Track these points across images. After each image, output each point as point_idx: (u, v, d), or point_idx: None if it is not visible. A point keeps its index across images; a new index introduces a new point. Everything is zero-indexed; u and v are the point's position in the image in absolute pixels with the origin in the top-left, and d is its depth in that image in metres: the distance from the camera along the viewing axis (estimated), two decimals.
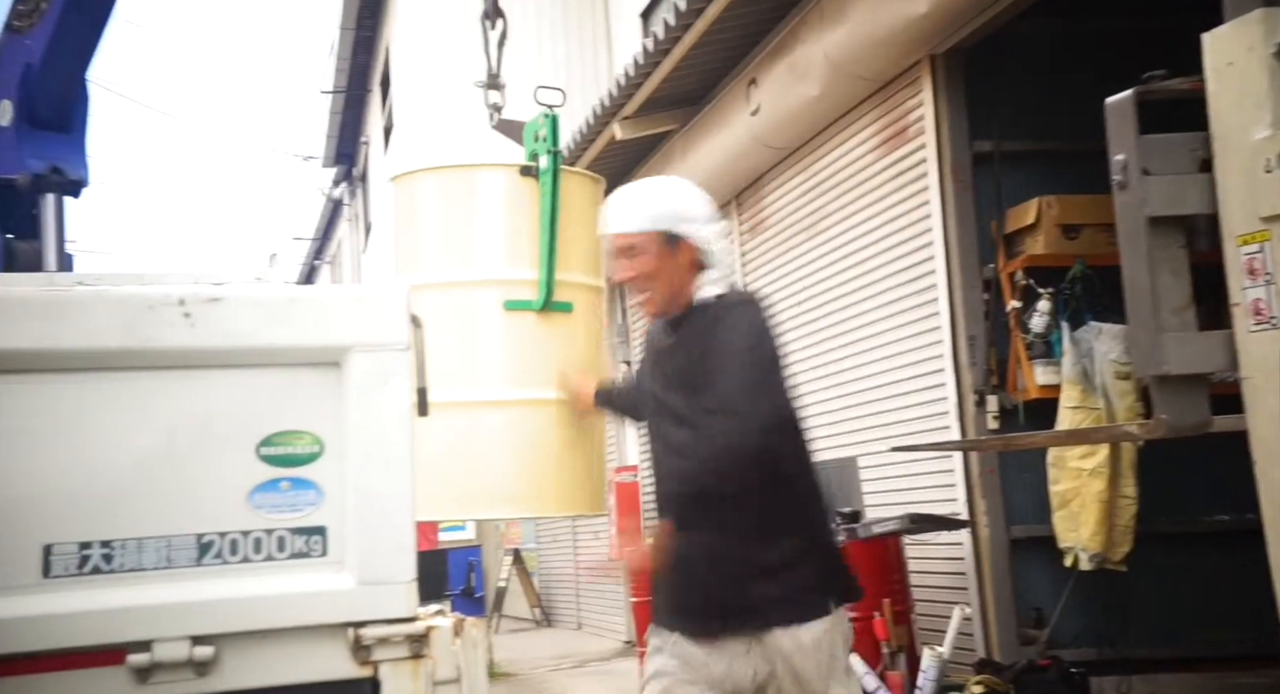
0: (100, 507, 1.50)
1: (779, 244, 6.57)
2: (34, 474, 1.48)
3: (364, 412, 1.62)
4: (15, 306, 1.51)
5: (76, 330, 1.52)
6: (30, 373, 1.50)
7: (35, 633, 1.43)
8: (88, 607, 1.45)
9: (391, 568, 1.59)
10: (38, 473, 1.48)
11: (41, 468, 1.49)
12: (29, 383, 1.50)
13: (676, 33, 5.81)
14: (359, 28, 11.59)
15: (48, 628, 1.44)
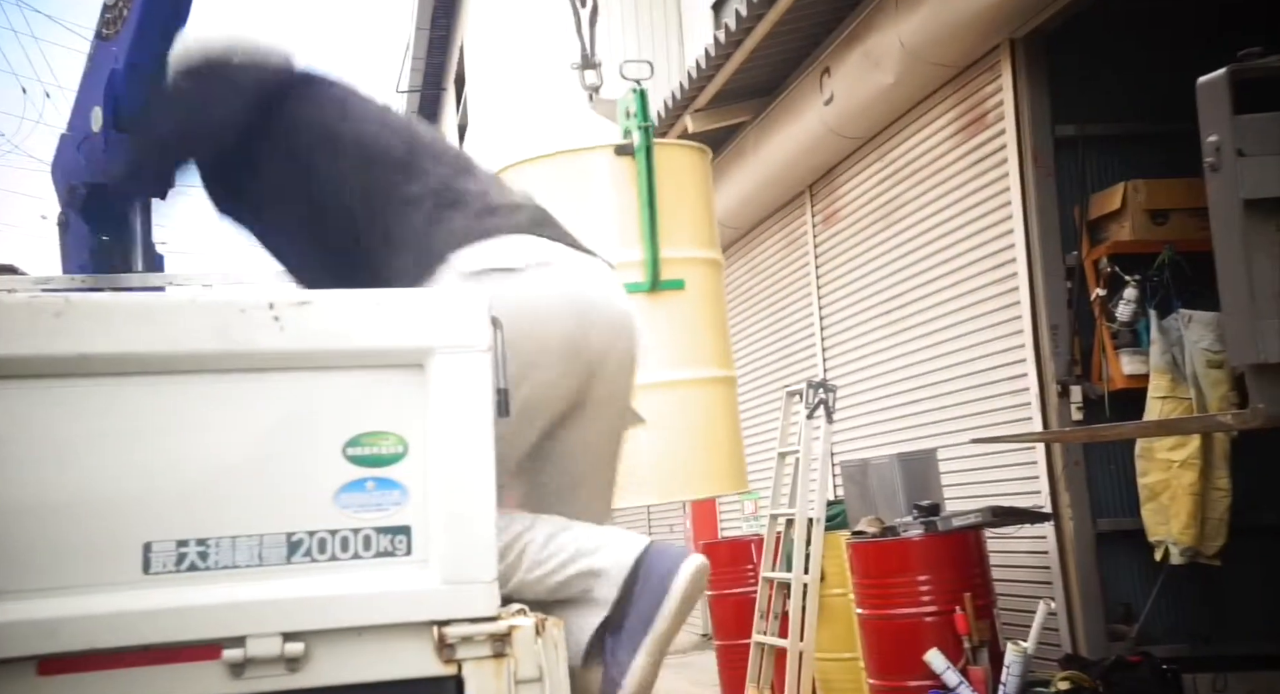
0: (195, 505, 1.54)
1: (854, 235, 6.49)
2: (134, 474, 1.53)
3: (446, 412, 1.64)
4: (112, 311, 1.56)
5: (171, 334, 1.56)
6: (129, 376, 1.54)
7: (137, 628, 1.48)
8: (185, 603, 1.50)
9: (474, 567, 1.61)
10: (137, 472, 1.53)
11: (141, 468, 1.53)
12: (128, 385, 1.54)
13: (748, 23, 5.77)
14: (434, 28, 11.75)
15: (148, 623, 1.48)
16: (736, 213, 7.66)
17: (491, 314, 1.70)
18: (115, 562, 1.49)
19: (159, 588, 1.50)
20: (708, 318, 3.07)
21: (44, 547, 1.48)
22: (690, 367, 2.85)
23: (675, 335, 2.73)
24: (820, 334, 6.96)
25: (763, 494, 7.54)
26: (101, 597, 1.48)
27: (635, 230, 2.84)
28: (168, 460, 1.55)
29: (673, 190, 2.86)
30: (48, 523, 1.49)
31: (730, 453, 3.03)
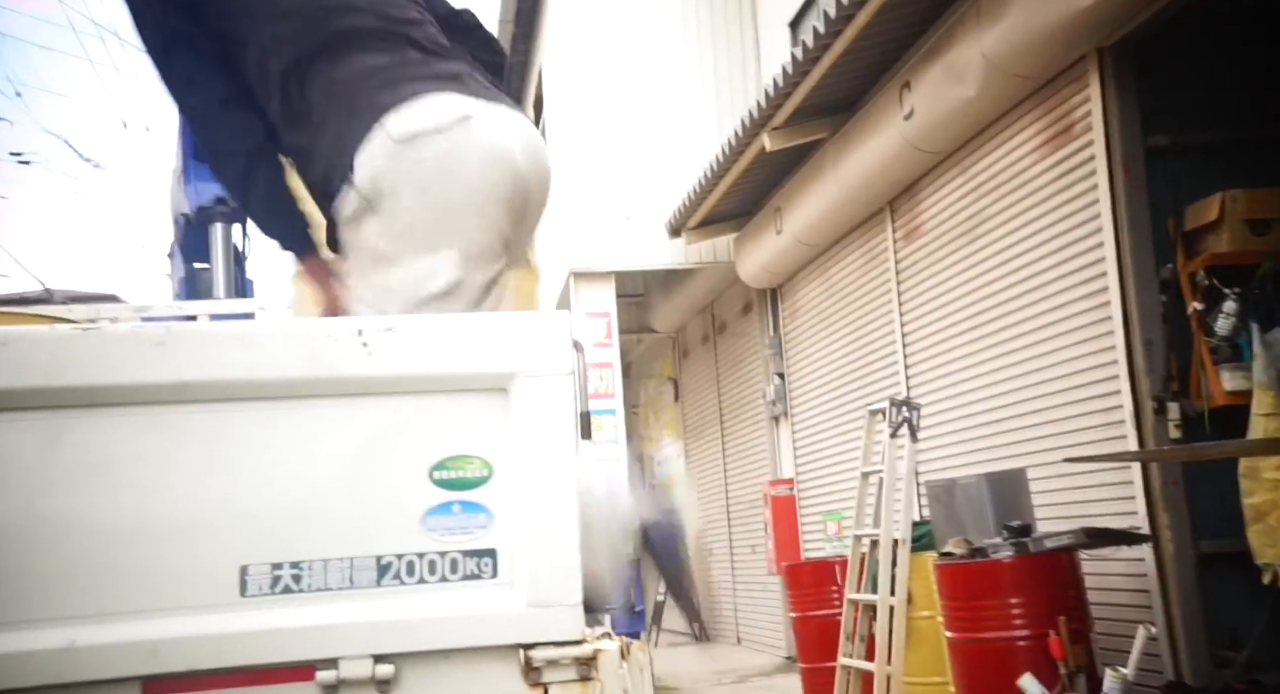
0: (288, 528, 1.58)
1: (936, 250, 6.39)
2: (230, 498, 1.57)
3: (530, 436, 1.65)
4: (209, 340, 1.60)
5: (264, 361, 1.60)
6: (225, 402, 1.59)
7: (234, 649, 1.51)
8: (280, 624, 1.53)
9: (559, 590, 1.61)
10: (233, 496, 1.57)
11: (236, 492, 1.57)
12: (225, 411, 1.59)
13: (826, 40, 5.75)
14: (513, 53, 11.92)
15: (245, 644, 1.52)
16: (814, 230, 7.60)
17: (574, 341, 1.71)
18: (213, 584, 1.53)
19: (255, 610, 1.53)
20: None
21: (146, 569, 1.53)
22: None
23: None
24: (903, 352, 6.85)
25: (846, 514, 7.43)
26: (200, 618, 1.52)
27: None
28: (262, 484, 1.59)
29: None
30: (150, 546, 1.54)
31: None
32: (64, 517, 1.52)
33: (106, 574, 1.52)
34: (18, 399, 1.52)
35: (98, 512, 1.54)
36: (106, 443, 1.55)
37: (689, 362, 11.84)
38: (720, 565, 10.97)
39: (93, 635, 1.49)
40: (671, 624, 11.63)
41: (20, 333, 1.56)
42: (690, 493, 11.76)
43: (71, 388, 1.53)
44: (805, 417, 8.66)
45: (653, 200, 9.22)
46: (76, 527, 1.52)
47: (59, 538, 1.52)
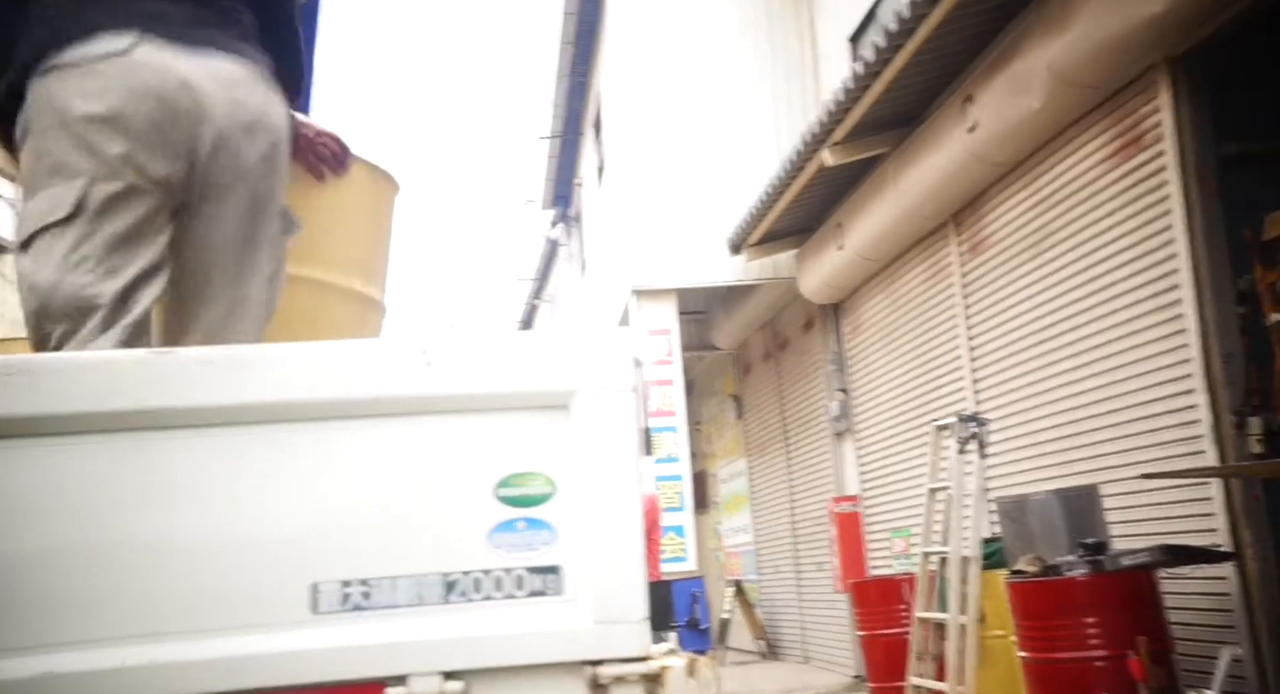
0: (357, 545, 1.60)
1: (1002, 264, 6.30)
2: (299, 516, 1.60)
3: (592, 453, 1.66)
4: (278, 361, 1.64)
5: (331, 380, 1.63)
6: (293, 422, 1.62)
7: (307, 666, 1.53)
8: (351, 642, 1.55)
9: (624, 606, 1.61)
10: (302, 515, 1.60)
11: (305, 510, 1.60)
12: (293, 431, 1.62)
13: (887, 54, 5.71)
14: (573, 75, 12.04)
15: (317, 661, 1.54)
16: (876, 245, 7.53)
17: (635, 357, 1.71)
18: (286, 602, 1.56)
19: (326, 627, 1.55)
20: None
21: (220, 587, 1.56)
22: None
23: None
24: (969, 366, 6.75)
25: (913, 531, 7.32)
26: (274, 636, 1.54)
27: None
28: (329, 502, 1.61)
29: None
30: (223, 565, 1.57)
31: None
32: (140, 537, 1.56)
33: (182, 593, 1.55)
34: (95, 422, 1.56)
35: (172, 532, 1.57)
36: (179, 464, 1.59)
37: (751, 378, 11.79)
38: (786, 583, 10.87)
39: (171, 653, 1.52)
40: (738, 642, 11.54)
41: (97, 358, 1.61)
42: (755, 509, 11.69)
43: (145, 410, 1.57)
44: (870, 432, 8.56)
45: (713, 217, 9.22)
46: (152, 546, 1.56)
47: (135, 558, 1.55)
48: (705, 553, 13.10)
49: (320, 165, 2.18)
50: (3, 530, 1.54)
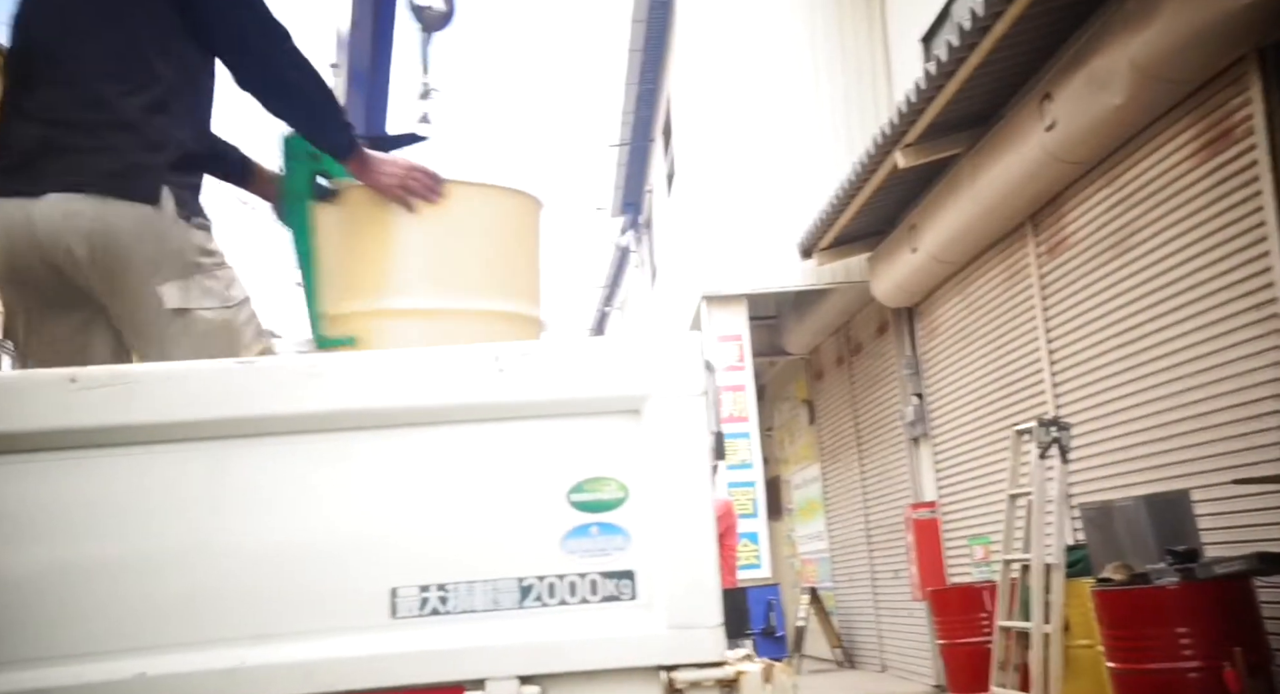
0: (434, 551, 1.62)
1: (1083, 264, 6.15)
2: (379, 521, 1.62)
3: (665, 457, 1.65)
4: (358, 370, 1.67)
5: (408, 389, 1.66)
6: (373, 429, 1.65)
7: (386, 670, 1.56)
8: (429, 646, 1.57)
9: (699, 611, 1.61)
10: (382, 520, 1.63)
11: (384, 515, 1.63)
12: (372, 438, 1.65)
13: (961, 54, 5.62)
14: (642, 82, 12.08)
15: (397, 665, 1.56)
16: (951, 247, 7.41)
17: (706, 362, 1.71)
18: (365, 606, 1.58)
19: (405, 631, 1.57)
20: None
21: (304, 592, 1.59)
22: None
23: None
24: (1049, 370, 6.60)
25: (994, 538, 7.17)
26: (354, 639, 1.57)
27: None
28: (408, 508, 1.64)
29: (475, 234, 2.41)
30: (306, 569, 1.60)
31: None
32: (228, 542, 1.60)
33: (268, 597, 1.58)
34: (186, 431, 1.61)
35: (258, 537, 1.61)
36: (265, 470, 1.63)
37: (823, 383, 11.68)
38: (861, 590, 10.74)
39: (258, 656, 1.55)
40: (814, 650, 11.43)
41: (188, 368, 1.65)
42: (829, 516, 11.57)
43: (233, 419, 1.61)
44: (946, 438, 8.42)
45: (783, 222, 9.17)
46: (239, 551, 1.60)
47: (224, 562, 1.59)
48: (780, 560, 12.99)
49: (410, 198, 2.25)
50: (102, 536, 1.59)
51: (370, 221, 2.31)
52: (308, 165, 2.36)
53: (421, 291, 2.29)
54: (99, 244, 2.00)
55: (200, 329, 2.01)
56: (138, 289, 2.01)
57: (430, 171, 2.27)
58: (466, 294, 2.30)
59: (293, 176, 2.36)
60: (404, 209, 2.25)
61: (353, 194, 2.33)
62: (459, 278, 2.31)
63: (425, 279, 2.31)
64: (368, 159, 2.25)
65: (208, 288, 2.04)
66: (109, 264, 2.01)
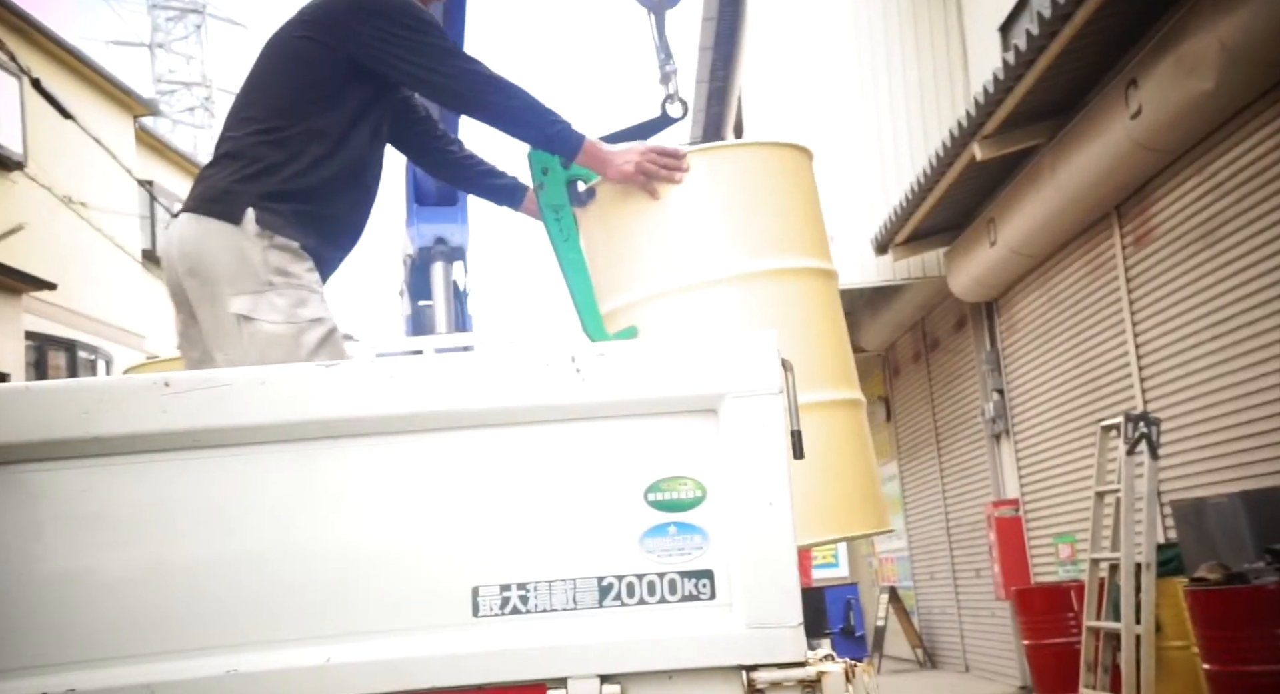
0: (514, 550, 1.64)
1: (1172, 255, 5.96)
2: (460, 521, 1.65)
3: (742, 456, 1.65)
4: (435, 373, 1.69)
5: (485, 390, 1.68)
6: (451, 430, 1.67)
7: (469, 668, 1.58)
8: (511, 644, 1.59)
9: (779, 611, 1.60)
10: (462, 520, 1.65)
11: (465, 515, 1.65)
12: (450, 439, 1.67)
13: (1041, 42, 5.49)
14: (712, 80, 12.06)
15: (479, 663, 1.58)
16: (1032, 240, 7.25)
17: (783, 360, 1.70)
18: (448, 605, 1.61)
19: (487, 630, 1.59)
20: (819, 335, 2.47)
21: (388, 591, 1.62)
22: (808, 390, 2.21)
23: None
24: (1136, 364, 6.41)
25: (1080, 537, 7.00)
26: (436, 637, 1.59)
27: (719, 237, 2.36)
28: (487, 507, 1.66)
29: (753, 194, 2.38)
30: (390, 568, 1.63)
31: (863, 485, 2.43)
32: (315, 541, 1.64)
33: (353, 596, 1.62)
34: (275, 433, 1.65)
35: (344, 537, 1.64)
36: (350, 472, 1.66)
37: (900, 380, 11.52)
38: (943, 590, 10.57)
39: (344, 653, 1.58)
40: (894, 650, 11.28)
41: (276, 372, 1.69)
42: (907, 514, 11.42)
43: (319, 421, 1.65)
44: (1029, 434, 8.24)
45: (857, 217, 9.06)
46: (326, 551, 1.64)
47: (311, 562, 1.63)
48: (857, 559, 12.85)
49: (653, 183, 2.35)
50: (194, 536, 1.64)
51: (635, 207, 2.36)
52: (562, 174, 2.46)
53: (702, 263, 2.31)
54: (192, 256, 2.25)
55: (261, 340, 2.17)
56: (216, 297, 2.22)
57: (667, 149, 2.36)
58: (752, 256, 2.31)
59: (549, 188, 2.46)
60: (648, 194, 2.34)
61: (612, 186, 2.39)
62: (741, 241, 2.32)
63: (705, 249, 2.32)
64: (600, 152, 2.37)
65: (275, 303, 2.20)
66: (198, 274, 2.24)
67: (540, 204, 2.49)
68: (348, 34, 2.30)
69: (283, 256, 2.23)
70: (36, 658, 1.58)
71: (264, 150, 2.28)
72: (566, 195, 2.47)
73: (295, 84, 2.32)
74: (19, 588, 1.60)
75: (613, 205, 2.42)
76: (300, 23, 2.36)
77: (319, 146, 2.31)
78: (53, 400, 1.63)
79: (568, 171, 2.47)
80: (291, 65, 2.34)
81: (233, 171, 2.27)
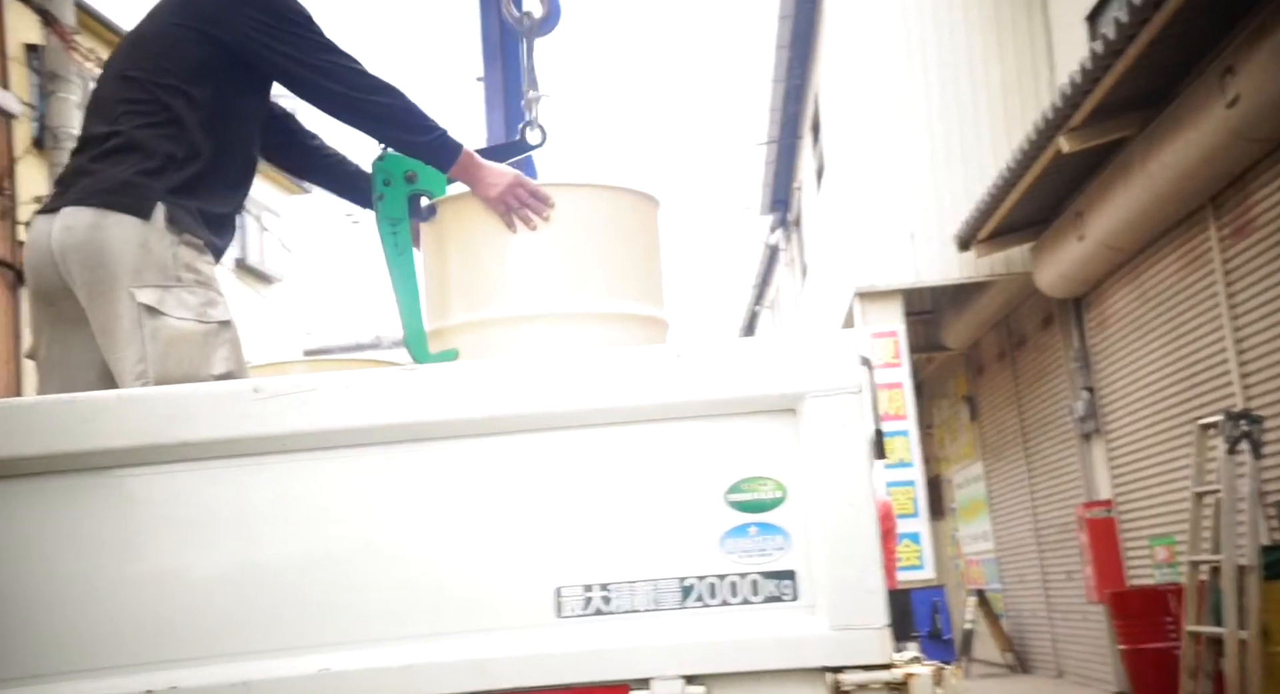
0: (595, 550, 1.65)
1: (1273, 247, 5.74)
2: (542, 521, 1.66)
3: (822, 456, 1.63)
4: (514, 376, 1.71)
5: (567, 391, 1.69)
6: (534, 432, 1.68)
7: (554, 668, 1.59)
8: (595, 645, 1.59)
9: (863, 612, 1.58)
10: (545, 520, 1.66)
11: (548, 515, 1.66)
12: (534, 441, 1.68)
13: (1131, 30, 5.34)
14: (789, 79, 11.97)
15: (563, 663, 1.59)
16: (1122, 234, 7.05)
17: (863, 359, 1.68)
18: (532, 605, 1.62)
19: (570, 630, 1.60)
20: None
21: (473, 591, 1.64)
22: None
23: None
24: (1236, 360, 6.18)
25: (1178, 539, 6.77)
26: (521, 637, 1.61)
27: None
28: (569, 508, 1.67)
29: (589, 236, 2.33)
30: (475, 569, 1.65)
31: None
32: (399, 544, 1.66)
33: (439, 596, 1.64)
34: (359, 437, 1.68)
35: (428, 537, 1.67)
36: (431, 474, 1.69)
37: (985, 379, 11.28)
38: (1033, 592, 10.32)
39: (431, 654, 1.61)
40: (984, 654, 11.05)
41: (360, 377, 1.73)
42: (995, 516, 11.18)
43: (402, 424, 1.67)
44: (1121, 433, 8.00)
45: (938, 214, 8.91)
46: (411, 551, 1.66)
47: (396, 563, 1.66)
48: (943, 561, 12.62)
49: (512, 217, 2.23)
50: (283, 538, 1.68)
51: (474, 230, 2.28)
52: (404, 188, 2.37)
53: (532, 297, 2.26)
54: (90, 252, 2.11)
55: (168, 335, 2.06)
56: (117, 293, 2.09)
57: (537, 189, 2.23)
58: (582, 297, 2.27)
59: (389, 201, 2.37)
60: (505, 223, 2.22)
61: (455, 204, 2.31)
62: (572, 281, 2.28)
63: (535, 284, 2.27)
64: (474, 165, 2.25)
65: (184, 299, 2.10)
66: (96, 271, 2.11)
67: (377, 216, 2.39)
68: (223, 23, 2.20)
69: (190, 253, 2.15)
70: (138, 656, 1.63)
71: (162, 144, 2.18)
72: (406, 209, 2.39)
73: (181, 76, 2.21)
74: (121, 589, 1.66)
75: (453, 225, 2.34)
76: (171, 11, 2.27)
77: (213, 141, 2.23)
78: (145, 407, 1.68)
79: (410, 186, 2.37)
80: (174, 54, 2.22)
81: (131, 164, 2.15)
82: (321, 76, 2.22)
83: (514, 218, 2.22)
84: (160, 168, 2.17)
